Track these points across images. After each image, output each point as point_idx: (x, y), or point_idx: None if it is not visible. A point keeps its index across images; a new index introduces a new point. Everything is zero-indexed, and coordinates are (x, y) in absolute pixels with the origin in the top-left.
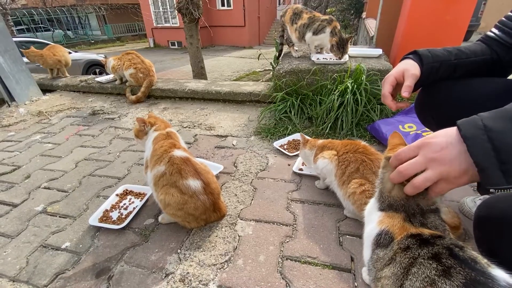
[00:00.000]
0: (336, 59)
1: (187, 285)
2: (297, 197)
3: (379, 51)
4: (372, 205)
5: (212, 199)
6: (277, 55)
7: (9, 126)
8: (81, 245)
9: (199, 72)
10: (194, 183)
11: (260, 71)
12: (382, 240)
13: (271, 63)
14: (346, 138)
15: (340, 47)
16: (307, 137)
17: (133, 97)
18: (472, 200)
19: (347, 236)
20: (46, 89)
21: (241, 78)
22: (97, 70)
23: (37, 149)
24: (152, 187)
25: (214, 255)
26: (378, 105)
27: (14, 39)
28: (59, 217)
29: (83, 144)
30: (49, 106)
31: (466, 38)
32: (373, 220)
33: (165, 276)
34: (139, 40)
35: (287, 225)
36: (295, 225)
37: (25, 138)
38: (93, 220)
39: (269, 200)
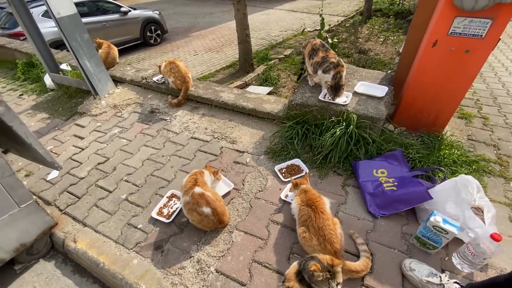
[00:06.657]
0: (329, 99)
1: (200, 265)
2: (276, 220)
3: (384, 90)
4: None
5: (218, 218)
6: (297, 77)
7: (96, 116)
8: (147, 228)
9: (244, 39)
10: (206, 210)
11: (310, 31)
12: None
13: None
14: (334, 169)
15: (334, 90)
16: (300, 180)
17: (175, 100)
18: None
19: (295, 255)
20: (116, 81)
21: (288, 39)
22: (153, 28)
23: (117, 143)
24: (182, 206)
25: (216, 250)
26: (363, 147)
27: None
28: (135, 205)
29: (146, 143)
30: (121, 99)
31: None
32: None
33: (190, 258)
34: None
35: (262, 239)
36: (267, 240)
37: (108, 130)
38: (154, 213)
39: (257, 218)
